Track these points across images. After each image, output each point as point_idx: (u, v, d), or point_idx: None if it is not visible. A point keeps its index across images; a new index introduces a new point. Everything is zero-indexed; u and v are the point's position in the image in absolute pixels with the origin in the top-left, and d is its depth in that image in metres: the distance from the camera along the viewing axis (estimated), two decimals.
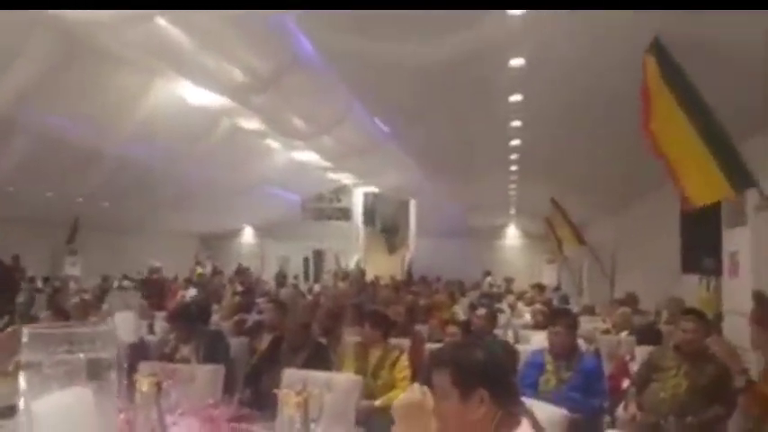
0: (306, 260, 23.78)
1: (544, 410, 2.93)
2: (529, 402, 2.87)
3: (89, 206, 14.57)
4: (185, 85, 9.85)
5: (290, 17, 7.33)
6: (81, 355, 1.10)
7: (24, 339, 1.16)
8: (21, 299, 7.57)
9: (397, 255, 22.84)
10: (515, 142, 8.85)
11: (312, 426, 2.28)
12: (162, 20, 7.13)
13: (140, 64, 8.90)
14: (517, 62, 5.65)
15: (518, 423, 1.76)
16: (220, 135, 12.68)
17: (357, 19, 5.64)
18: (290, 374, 3.62)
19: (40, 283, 13.78)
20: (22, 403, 1.14)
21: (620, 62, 5.02)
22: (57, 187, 12.69)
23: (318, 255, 23.75)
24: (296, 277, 20.85)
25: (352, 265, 21.92)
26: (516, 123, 7.76)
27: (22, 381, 1.13)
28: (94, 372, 1.12)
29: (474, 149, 9.79)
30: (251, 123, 12.09)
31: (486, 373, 1.78)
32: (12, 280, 9.26)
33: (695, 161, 4.14)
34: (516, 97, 6.71)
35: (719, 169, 3.93)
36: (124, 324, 3.04)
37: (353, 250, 23.08)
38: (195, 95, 10.24)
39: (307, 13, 6.54)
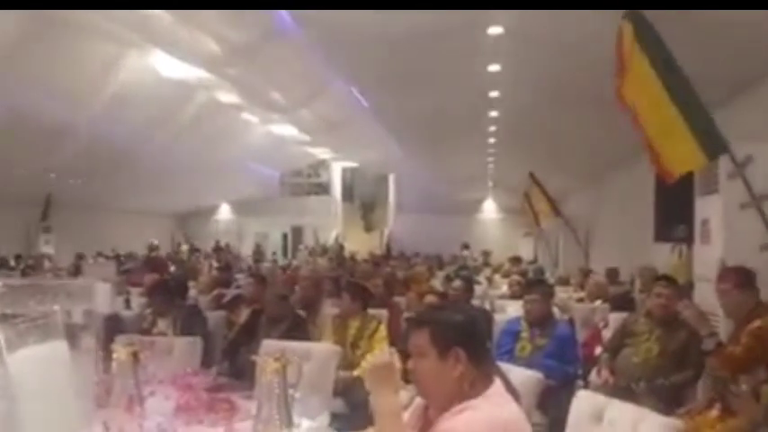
0: (284, 236, 23.69)
1: (518, 374, 2.99)
2: (506, 368, 2.93)
3: (62, 183, 14.31)
4: (159, 57, 9.66)
5: None
6: (56, 307, 1.10)
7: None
8: None
9: (376, 230, 22.86)
10: (494, 113, 8.82)
11: (291, 391, 2.28)
12: None
13: (113, 35, 8.69)
14: (495, 30, 5.60)
15: (491, 382, 1.81)
16: (196, 109, 12.52)
17: None
18: (269, 345, 3.61)
19: (12, 262, 13.56)
20: None
21: (599, 31, 5.02)
22: (28, 164, 12.40)
23: (297, 230, 23.66)
24: (274, 253, 20.79)
25: (330, 240, 21.90)
26: (494, 94, 7.73)
27: None
28: (70, 325, 1.12)
29: (453, 121, 9.77)
30: (228, 97, 11.94)
31: (463, 332, 1.82)
32: None
33: (669, 129, 4.17)
34: (495, 67, 6.67)
35: (693, 137, 3.97)
36: (101, 295, 3.01)
37: (332, 226, 23.05)
38: (170, 68, 10.06)
39: None
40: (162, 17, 7.91)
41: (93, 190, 15.59)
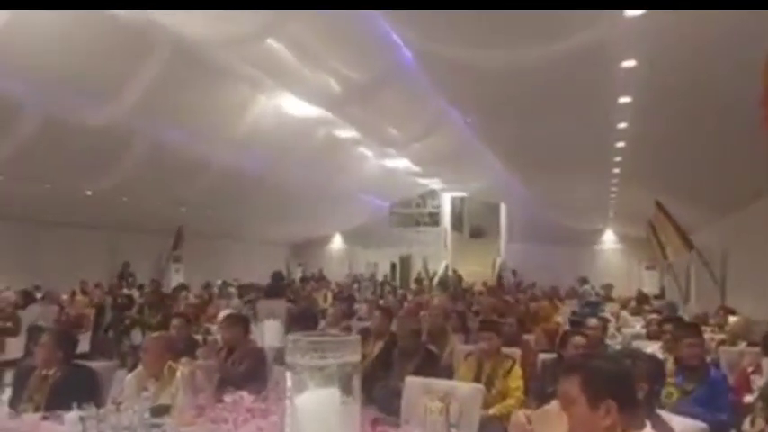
0: (393, 266, 23.86)
1: (679, 423, 2.85)
2: (666, 416, 2.81)
3: (192, 214, 15.31)
4: (285, 97, 10.25)
5: (385, 26, 7.44)
6: (332, 360, 1.25)
7: (289, 345, 1.32)
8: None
9: (487, 260, 22.51)
10: (620, 144, 8.58)
11: (453, 431, 2.34)
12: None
13: (246, 78, 9.34)
14: (629, 64, 5.51)
15: (644, 426, 1.81)
16: (316, 144, 13.04)
17: (459, 26, 5.68)
18: (411, 382, 3.69)
19: (147, 288, 14.61)
20: (287, 398, 1.34)
21: (736, 64, 4.80)
22: (164, 196, 13.36)
23: (405, 260, 23.77)
24: (383, 284, 20.99)
25: (440, 270, 21.81)
26: (623, 125, 7.54)
27: (288, 379, 1.31)
28: (341, 375, 1.28)
29: (575, 151, 9.58)
30: (346, 132, 12.40)
31: (615, 384, 1.81)
32: None
33: None
34: (625, 99, 6.53)
35: None
36: (271, 331, 3.27)
37: (441, 256, 22.98)
38: (294, 107, 10.64)
39: (404, 20, 6.64)
40: (288, 59, 8.40)
41: (218, 221, 16.54)
